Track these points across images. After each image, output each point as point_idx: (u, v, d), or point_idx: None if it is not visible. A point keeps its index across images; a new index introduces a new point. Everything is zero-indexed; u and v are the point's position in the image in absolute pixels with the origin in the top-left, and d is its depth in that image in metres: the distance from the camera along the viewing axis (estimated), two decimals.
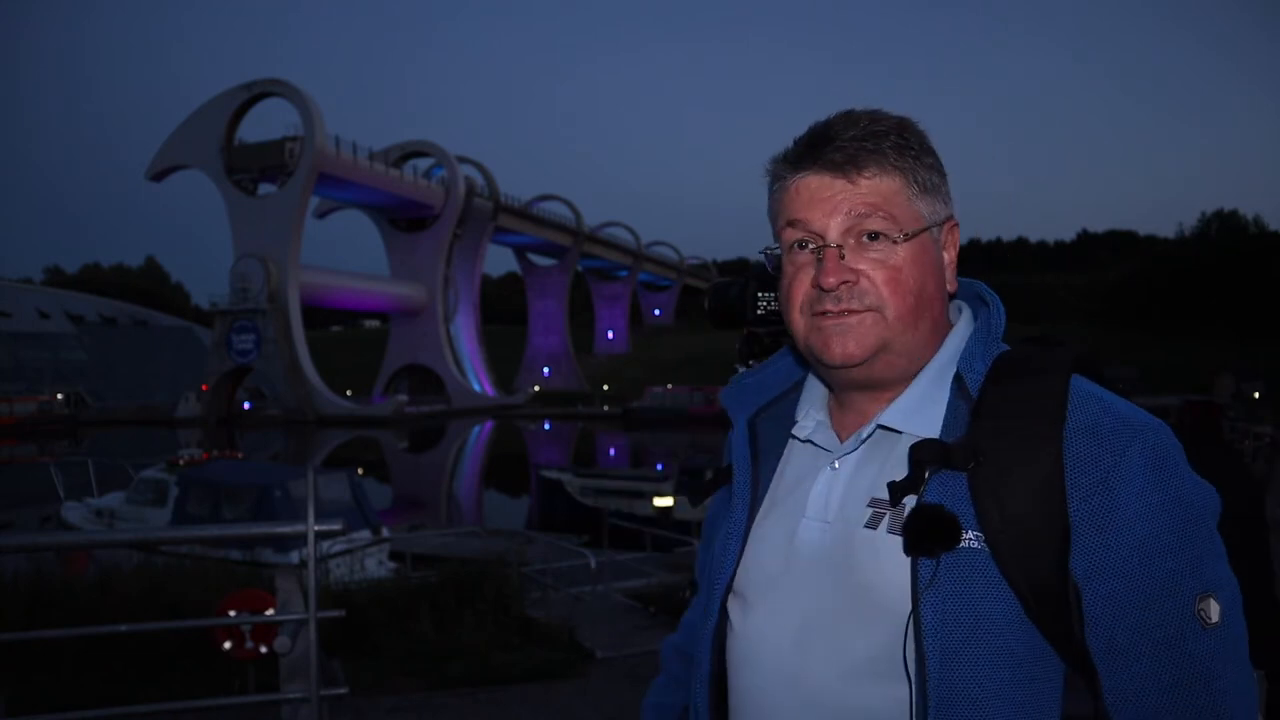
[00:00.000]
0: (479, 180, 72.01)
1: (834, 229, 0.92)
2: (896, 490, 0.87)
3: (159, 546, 9.61)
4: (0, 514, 22.66)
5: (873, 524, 0.90)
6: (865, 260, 0.92)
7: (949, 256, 0.97)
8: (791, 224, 0.94)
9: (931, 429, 0.90)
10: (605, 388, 76.31)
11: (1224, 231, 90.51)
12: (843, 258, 0.92)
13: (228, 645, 4.31)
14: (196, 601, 5.84)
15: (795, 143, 0.96)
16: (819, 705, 0.90)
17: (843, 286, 0.92)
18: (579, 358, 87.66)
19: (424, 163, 69.27)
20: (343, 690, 3.16)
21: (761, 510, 1.02)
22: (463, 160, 71.00)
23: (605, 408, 66.14)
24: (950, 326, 0.98)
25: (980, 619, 0.83)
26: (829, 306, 0.92)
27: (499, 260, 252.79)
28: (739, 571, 1.00)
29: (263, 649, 4.23)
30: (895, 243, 0.92)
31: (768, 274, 1.10)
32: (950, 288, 0.98)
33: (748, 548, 1.00)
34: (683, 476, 19.14)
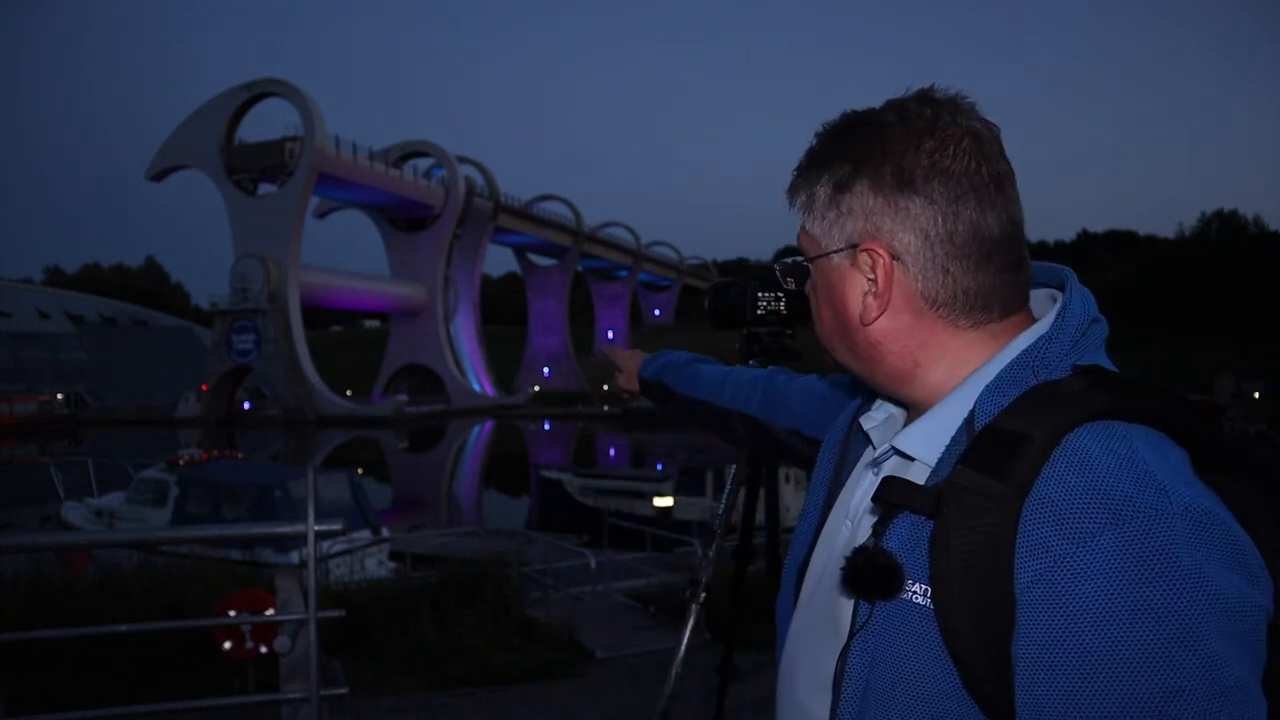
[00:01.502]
0: (479, 180, 72.01)
1: None
2: (878, 523, 0.81)
3: (159, 546, 9.61)
4: (0, 514, 22.69)
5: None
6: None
7: (875, 284, 0.83)
8: None
9: (932, 460, 0.81)
10: (605, 388, 76.26)
11: (1224, 231, 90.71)
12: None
13: (228, 645, 4.31)
14: (196, 601, 5.84)
15: None
16: (796, 706, 0.90)
17: None
18: (579, 358, 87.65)
19: (424, 163, 69.29)
20: (343, 690, 3.16)
21: (840, 496, 0.96)
22: (463, 160, 71.00)
23: (605, 408, 66.10)
24: (1021, 325, 0.83)
25: (910, 677, 0.75)
26: None
27: (499, 260, 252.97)
28: (812, 555, 0.96)
29: (263, 649, 4.22)
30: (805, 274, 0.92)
31: (768, 275, 1.09)
32: (879, 317, 0.84)
33: (822, 533, 0.96)
34: (683, 476, 19.16)
